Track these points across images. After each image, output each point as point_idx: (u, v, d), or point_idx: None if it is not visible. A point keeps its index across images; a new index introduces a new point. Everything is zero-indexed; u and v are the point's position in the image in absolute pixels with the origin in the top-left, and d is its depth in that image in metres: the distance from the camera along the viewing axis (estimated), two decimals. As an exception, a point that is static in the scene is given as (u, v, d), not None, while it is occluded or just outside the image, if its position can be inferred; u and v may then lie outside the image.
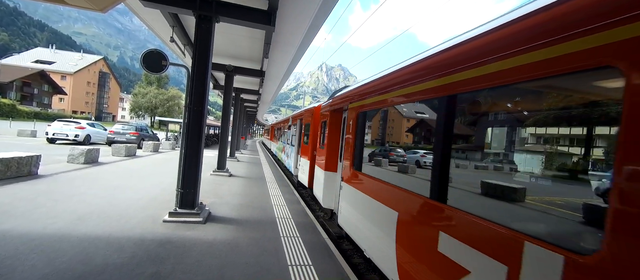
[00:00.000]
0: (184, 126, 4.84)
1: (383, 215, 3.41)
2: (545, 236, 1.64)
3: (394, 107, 3.88)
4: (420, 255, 2.61)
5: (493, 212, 2.14)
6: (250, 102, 23.92)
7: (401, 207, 3.06)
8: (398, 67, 3.69)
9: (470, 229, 2.06)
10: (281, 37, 7.68)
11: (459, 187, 2.46)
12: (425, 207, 2.67)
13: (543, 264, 1.54)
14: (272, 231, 5.09)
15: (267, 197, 7.64)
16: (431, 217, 2.56)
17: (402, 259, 2.91)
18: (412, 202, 2.87)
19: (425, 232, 2.61)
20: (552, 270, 1.47)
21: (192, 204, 5.06)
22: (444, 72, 2.53)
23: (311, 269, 3.79)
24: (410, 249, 2.80)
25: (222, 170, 10.49)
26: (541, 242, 1.56)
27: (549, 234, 1.73)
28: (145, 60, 4.37)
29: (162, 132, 33.05)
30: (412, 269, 2.72)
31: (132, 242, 4.02)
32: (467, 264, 2.03)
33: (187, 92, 4.67)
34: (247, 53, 9.40)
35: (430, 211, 2.59)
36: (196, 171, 5.01)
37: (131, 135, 18.26)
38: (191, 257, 3.77)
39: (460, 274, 2.07)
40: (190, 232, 4.60)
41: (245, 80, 14.64)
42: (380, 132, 4.41)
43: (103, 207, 5.40)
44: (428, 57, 2.94)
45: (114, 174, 8.90)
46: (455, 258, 2.14)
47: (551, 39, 1.61)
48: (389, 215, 3.23)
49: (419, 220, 2.76)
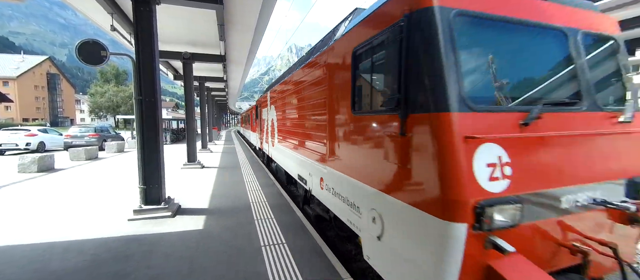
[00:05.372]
0: (137, 120, 4.56)
1: (265, 143, 9.36)
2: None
3: (261, 107, 9.85)
4: (288, 163, 6.25)
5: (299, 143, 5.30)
6: (218, 90, 23.04)
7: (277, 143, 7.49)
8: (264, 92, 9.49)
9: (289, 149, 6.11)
10: (235, 17, 7.32)
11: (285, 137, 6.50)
12: (282, 142, 6.77)
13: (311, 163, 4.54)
14: (246, 216, 5.05)
15: (242, 184, 7.53)
16: (289, 146, 6.13)
17: (284, 163, 6.70)
18: (285, 142, 6.47)
19: (289, 152, 6.07)
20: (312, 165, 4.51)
21: (158, 199, 4.88)
22: (278, 85, 7.00)
23: (284, 247, 3.83)
24: (284, 159, 6.66)
25: (193, 163, 10.16)
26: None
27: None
28: (81, 52, 3.98)
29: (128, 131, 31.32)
30: (287, 164, 6.40)
31: (93, 244, 3.83)
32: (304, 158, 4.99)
33: (134, 83, 4.36)
34: (204, 38, 8.91)
35: (286, 143, 6.32)
36: (157, 165, 4.79)
37: (90, 138, 17.11)
38: (159, 251, 3.67)
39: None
40: (158, 227, 4.46)
41: (208, 68, 13.98)
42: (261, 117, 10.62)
43: (60, 213, 5.08)
44: (276, 81, 7.62)
45: (72, 178, 8.35)
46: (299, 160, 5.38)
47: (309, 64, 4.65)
48: (269, 143, 8.51)
49: (284, 149, 6.61)
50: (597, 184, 2.29)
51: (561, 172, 2.17)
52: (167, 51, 9.91)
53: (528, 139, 2.09)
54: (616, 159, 2.42)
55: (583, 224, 2.27)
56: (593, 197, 2.27)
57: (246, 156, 13.62)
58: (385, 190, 2.44)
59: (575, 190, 2.20)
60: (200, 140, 15.58)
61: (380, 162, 2.50)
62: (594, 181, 2.28)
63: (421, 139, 2.03)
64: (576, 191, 2.20)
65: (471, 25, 2.14)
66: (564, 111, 2.32)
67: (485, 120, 2.01)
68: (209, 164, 10.97)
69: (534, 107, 2.11)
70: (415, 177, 2.08)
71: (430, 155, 1.94)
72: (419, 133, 2.05)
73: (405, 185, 2.18)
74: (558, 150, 2.19)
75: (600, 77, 2.60)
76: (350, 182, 3.08)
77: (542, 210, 2.09)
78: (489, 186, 1.89)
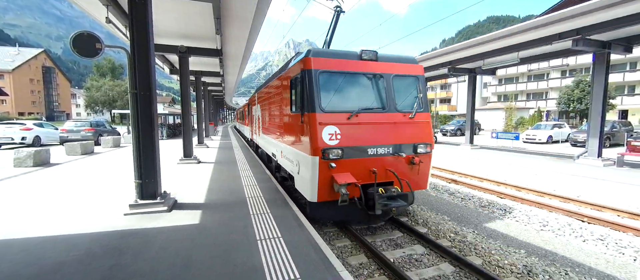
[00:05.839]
0: (132, 114, 4.52)
1: (255, 135, 12.17)
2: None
3: (252, 105, 12.83)
4: (267, 145, 8.75)
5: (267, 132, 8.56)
6: (214, 85, 22.92)
7: (260, 134, 10.12)
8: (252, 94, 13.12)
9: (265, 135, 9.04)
10: (232, 11, 7.26)
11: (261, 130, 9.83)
12: (264, 132, 9.23)
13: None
14: (242, 211, 5.06)
15: (238, 180, 7.53)
16: (266, 134, 8.78)
17: (264, 146, 9.29)
18: (268, 133, 8.29)
19: (272, 140, 7.63)
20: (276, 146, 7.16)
21: (154, 194, 4.87)
22: (260, 91, 10.24)
23: (280, 241, 3.84)
24: (264, 143, 9.29)
25: (189, 158, 10.14)
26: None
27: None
28: (75, 44, 3.93)
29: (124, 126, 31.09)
30: (266, 147, 8.98)
31: (88, 239, 3.83)
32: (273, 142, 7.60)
33: (129, 76, 4.32)
34: (200, 31, 8.83)
35: (265, 132, 8.94)
36: (153, 159, 4.77)
37: (86, 132, 17.00)
38: (155, 245, 3.67)
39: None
40: (154, 222, 4.45)
41: (204, 62, 13.89)
42: (252, 114, 12.98)
43: (55, 208, 5.06)
44: (260, 87, 10.97)
45: (68, 173, 8.31)
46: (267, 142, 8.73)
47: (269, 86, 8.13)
48: (256, 134, 11.66)
49: (264, 136, 9.15)
50: (392, 145, 5.01)
51: (368, 138, 4.85)
52: (163, 45, 9.82)
53: (350, 124, 4.76)
54: (406, 134, 5.18)
55: (384, 162, 4.96)
56: (389, 151, 4.97)
57: (243, 152, 13.60)
58: (299, 149, 5.08)
59: (377, 147, 4.87)
60: (196, 135, 15.51)
61: (297, 136, 5.15)
62: (390, 143, 5.00)
63: (307, 124, 4.65)
64: (377, 147, 4.87)
65: (325, 75, 4.81)
66: (375, 112, 5.05)
67: (330, 116, 4.66)
68: (205, 159, 10.94)
69: (354, 110, 4.81)
70: (306, 140, 4.69)
71: (309, 130, 4.58)
72: (306, 121, 4.67)
73: (303, 145, 4.81)
74: (367, 129, 4.90)
75: (402, 96, 5.36)
76: (290, 149, 5.70)
77: (356, 153, 4.74)
78: (329, 142, 4.55)
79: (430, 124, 5.53)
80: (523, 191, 8.59)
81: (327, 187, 4.63)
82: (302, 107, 4.79)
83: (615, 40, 10.00)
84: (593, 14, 8.23)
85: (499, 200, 7.88)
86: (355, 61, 5.10)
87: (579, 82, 33.73)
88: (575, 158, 11.32)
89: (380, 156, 4.90)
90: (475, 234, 5.63)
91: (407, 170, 5.20)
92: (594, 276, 4.25)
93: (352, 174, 4.60)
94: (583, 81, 33.23)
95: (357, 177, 4.64)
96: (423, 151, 5.27)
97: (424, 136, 5.34)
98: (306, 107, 4.68)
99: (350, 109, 4.83)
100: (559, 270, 4.36)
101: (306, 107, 4.68)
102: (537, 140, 21.59)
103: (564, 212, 6.79)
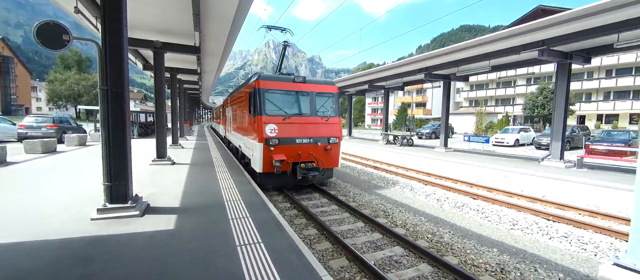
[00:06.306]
0: (101, 112, 4.23)
1: (227, 133, 15.36)
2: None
3: (225, 107, 16.17)
4: (235, 140, 11.86)
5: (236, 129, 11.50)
6: (191, 83, 22.15)
7: (230, 131, 13.63)
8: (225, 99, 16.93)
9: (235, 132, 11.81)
10: (212, 7, 7.04)
11: (231, 128, 13.18)
12: (233, 130, 12.45)
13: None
14: (220, 214, 4.89)
15: (215, 182, 7.30)
16: (234, 131, 12.02)
17: (233, 140, 12.51)
18: (235, 130, 11.77)
19: (238, 135, 10.85)
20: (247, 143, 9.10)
21: (125, 197, 4.59)
22: (231, 96, 13.59)
23: (260, 246, 3.75)
24: (233, 138, 12.51)
25: (163, 159, 9.69)
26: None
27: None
28: (39, 34, 3.60)
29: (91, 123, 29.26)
30: (234, 141, 12.18)
31: (53, 246, 3.53)
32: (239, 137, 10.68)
33: (100, 71, 4.03)
34: (178, 27, 8.48)
35: (234, 129, 12.14)
36: (124, 160, 4.50)
37: (48, 129, 15.79)
38: (127, 252, 3.45)
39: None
40: (125, 227, 4.19)
41: (180, 59, 13.38)
42: (225, 115, 16.31)
43: (12, 213, 4.63)
44: (230, 93, 14.59)
45: (27, 173, 7.66)
46: (235, 138, 11.87)
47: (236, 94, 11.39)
48: (228, 132, 14.91)
49: (234, 132, 12.16)
50: (314, 137, 7.81)
51: (296, 133, 7.65)
52: (137, 39, 9.33)
53: (285, 123, 7.56)
54: (322, 131, 8.01)
55: (308, 148, 7.73)
56: (310, 141, 7.76)
57: (220, 153, 13.23)
58: (252, 139, 7.82)
59: (302, 138, 7.67)
60: (170, 135, 14.89)
61: (252, 131, 7.84)
62: (311, 136, 7.80)
63: (257, 123, 7.42)
64: (302, 139, 7.67)
65: (269, 92, 7.64)
66: (302, 116, 7.89)
67: (271, 118, 7.43)
68: (180, 160, 10.52)
69: (287, 114, 7.67)
70: (255, 133, 7.55)
71: (258, 127, 7.36)
72: (257, 121, 7.42)
73: (255, 136, 7.55)
74: (296, 126, 7.70)
75: (324, 106, 8.31)
76: (248, 141, 8.41)
77: (288, 142, 7.49)
78: (270, 134, 7.33)
79: (340, 125, 8.48)
80: (494, 192, 9.01)
81: (268, 163, 7.32)
82: (255, 111, 7.56)
83: (576, 51, 10.77)
84: (557, 26, 8.83)
85: (473, 201, 8.22)
86: (290, 83, 7.96)
87: (543, 89, 36.05)
88: (540, 160, 12.06)
89: (305, 144, 7.77)
90: (451, 234, 5.83)
91: (323, 154, 7.98)
92: (560, 271, 4.53)
93: (285, 155, 7.34)
94: (546, 88, 35.55)
95: (288, 157, 7.43)
96: (333, 142, 8.16)
97: (335, 132, 8.23)
98: (257, 111, 7.47)
99: (284, 114, 7.69)
100: (529, 267, 4.60)
101: (257, 111, 7.47)
102: (506, 144, 22.80)
103: (531, 211, 7.19)
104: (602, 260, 4.94)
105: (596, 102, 38.35)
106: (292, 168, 7.53)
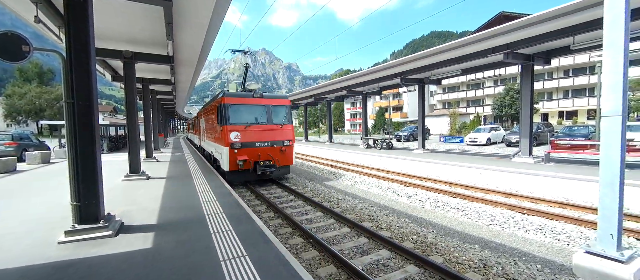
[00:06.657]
0: (68, 127, 3.95)
1: (202, 141, 17.21)
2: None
3: (199, 118, 18.53)
4: (208, 147, 14.02)
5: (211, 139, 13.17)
6: (165, 93, 21.36)
7: (204, 140, 15.90)
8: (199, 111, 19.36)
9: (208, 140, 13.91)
10: (185, 16, 6.84)
11: (204, 137, 15.69)
12: (206, 139, 14.70)
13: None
14: (201, 229, 4.69)
15: (194, 195, 7.01)
16: (208, 139, 14.02)
17: (207, 148, 14.59)
18: (207, 139, 14.16)
19: (210, 142, 13.03)
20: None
21: (96, 217, 4.28)
22: (204, 109, 15.86)
23: (246, 260, 3.62)
24: (207, 145, 14.53)
25: (136, 173, 9.20)
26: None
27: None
28: (-6, 45, 3.33)
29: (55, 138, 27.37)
30: (208, 148, 14.15)
31: (16, 275, 3.21)
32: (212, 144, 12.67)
33: (64, 83, 3.77)
34: (149, 35, 8.16)
35: (207, 138, 14.25)
36: (94, 177, 4.21)
37: (7, 147, 14.61)
38: (100, 275, 3.21)
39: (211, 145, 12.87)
40: (97, 249, 3.90)
41: (153, 69, 12.88)
42: (199, 126, 18.36)
43: (-35, 243, 4.17)
44: (204, 105, 17.16)
45: (-18, 198, 6.98)
46: (209, 145, 13.77)
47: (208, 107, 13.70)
48: (202, 141, 17.02)
49: (207, 141, 14.29)
50: (270, 141, 10.03)
51: (256, 138, 9.78)
52: (105, 49, 8.88)
53: (246, 130, 9.69)
54: (278, 136, 10.23)
55: (266, 150, 9.92)
56: (268, 144, 9.97)
57: (198, 164, 12.79)
58: (221, 145, 9.98)
59: (261, 142, 9.86)
60: (144, 148, 14.22)
61: (220, 138, 10.00)
62: (269, 140, 10.01)
63: (223, 131, 9.61)
64: (261, 142, 9.86)
65: (233, 106, 9.84)
66: (261, 124, 10.08)
67: (235, 127, 9.55)
68: (155, 174, 10.05)
69: (248, 123, 9.81)
70: (222, 140, 9.68)
71: (224, 135, 9.49)
72: (223, 129, 9.63)
73: (222, 142, 9.70)
74: (256, 133, 9.85)
75: (278, 116, 10.54)
76: (217, 147, 10.72)
77: (249, 145, 9.63)
78: (234, 140, 9.41)
79: (292, 131, 10.71)
80: (471, 190, 9.33)
81: (234, 162, 9.33)
82: (221, 122, 9.71)
83: (537, 53, 11.53)
84: (519, 31, 9.44)
85: (452, 200, 8.45)
86: (250, 98, 10.12)
87: (509, 90, 38.21)
88: (511, 157, 12.68)
89: (263, 147, 9.85)
90: (435, 234, 5.94)
91: (279, 154, 10.11)
92: (538, 263, 4.73)
93: (247, 156, 9.44)
94: (512, 89, 37.71)
95: (250, 157, 9.53)
96: (287, 144, 10.33)
97: (288, 136, 10.40)
98: (223, 122, 9.58)
99: (246, 123, 9.74)
100: (509, 261, 4.77)
101: (223, 122, 9.58)
102: (478, 143, 23.82)
103: (507, 206, 7.50)
104: (575, 249, 5.22)
105: (557, 100, 41.12)
106: (254, 166, 9.60)
